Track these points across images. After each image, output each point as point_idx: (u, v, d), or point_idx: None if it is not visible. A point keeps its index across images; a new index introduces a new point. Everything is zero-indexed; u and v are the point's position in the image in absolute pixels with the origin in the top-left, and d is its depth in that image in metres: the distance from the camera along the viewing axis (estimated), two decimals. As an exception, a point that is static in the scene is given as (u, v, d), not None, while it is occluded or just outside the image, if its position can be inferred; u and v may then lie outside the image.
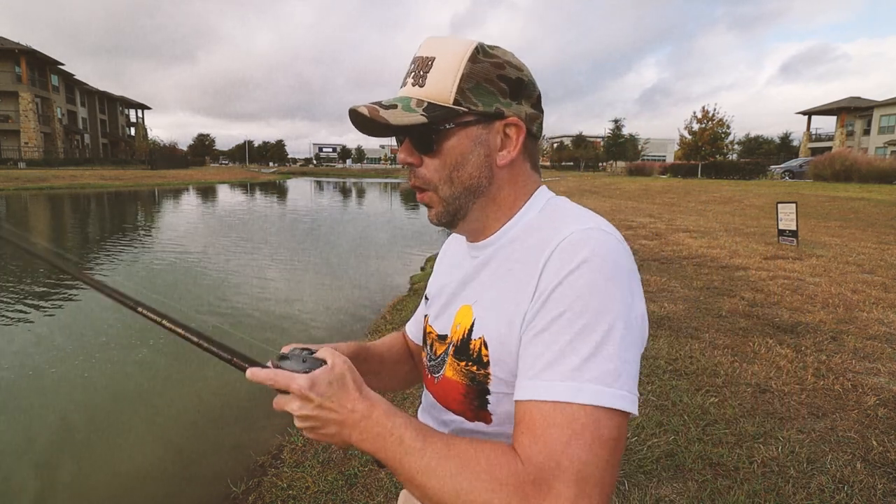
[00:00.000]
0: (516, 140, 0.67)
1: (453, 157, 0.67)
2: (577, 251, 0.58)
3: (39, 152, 40.06)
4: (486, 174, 0.68)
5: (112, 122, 59.61)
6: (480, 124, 0.66)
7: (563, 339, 0.55)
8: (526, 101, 0.68)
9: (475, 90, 0.65)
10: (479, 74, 0.65)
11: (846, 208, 13.48)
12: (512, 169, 0.69)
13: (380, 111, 0.65)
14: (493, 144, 0.67)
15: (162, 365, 4.18)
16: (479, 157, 0.67)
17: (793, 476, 2.03)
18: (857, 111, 43.29)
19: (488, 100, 0.65)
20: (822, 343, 3.48)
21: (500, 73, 0.66)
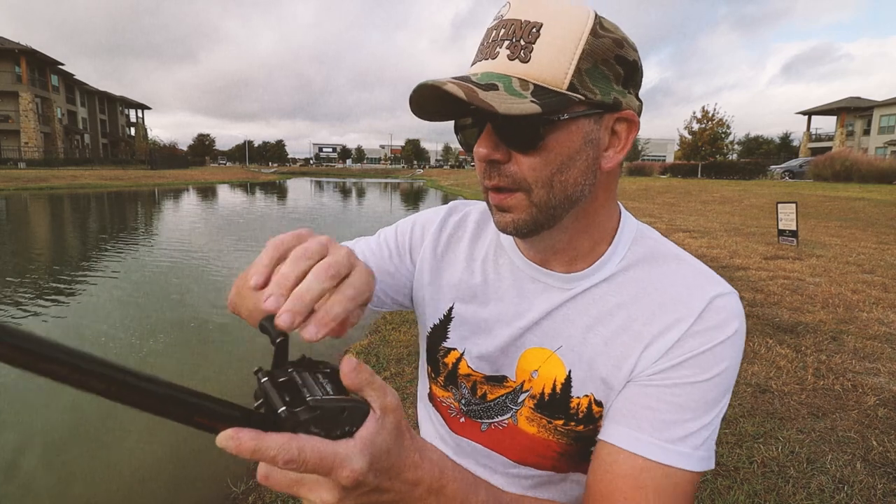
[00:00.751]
0: (626, 138, 0.55)
1: (560, 156, 0.52)
2: (730, 322, 0.56)
3: (39, 152, 40.08)
4: (590, 180, 0.55)
5: (112, 122, 59.63)
6: (593, 117, 0.52)
7: (689, 404, 0.53)
8: (635, 91, 0.55)
9: (592, 73, 0.50)
10: (599, 53, 0.50)
11: (846, 208, 13.48)
12: (610, 175, 0.58)
13: (478, 93, 0.48)
14: (602, 143, 0.54)
15: (162, 364, 4.18)
16: (587, 158, 0.53)
17: (793, 476, 2.03)
18: (857, 111, 43.30)
19: (605, 87, 0.51)
20: (822, 343, 3.48)
21: (619, 54, 0.51)
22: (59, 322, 5.27)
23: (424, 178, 59.79)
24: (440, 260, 0.70)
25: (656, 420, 0.53)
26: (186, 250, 9.79)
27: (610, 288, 0.59)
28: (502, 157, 0.53)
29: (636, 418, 0.53)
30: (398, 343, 3.77)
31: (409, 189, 40.77)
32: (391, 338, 3.94)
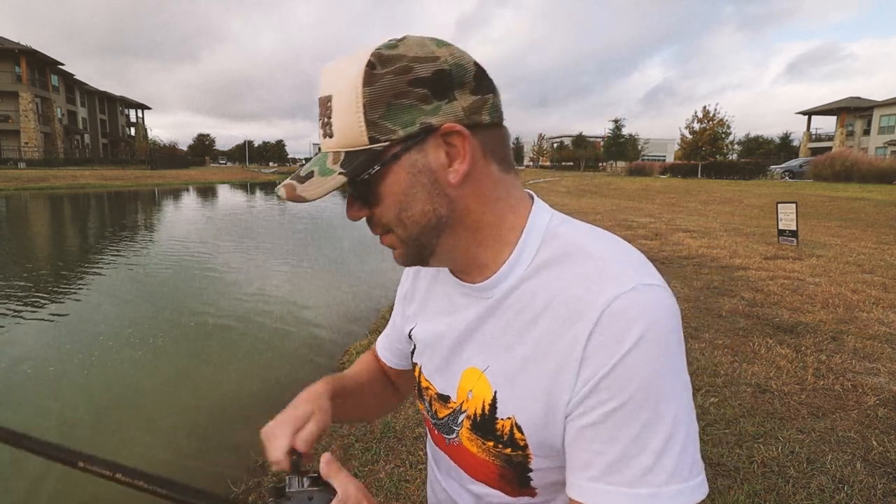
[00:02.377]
0: (462, 147, 0.53)
1: (396, 198, 0.54)
2: (630, 327, 0.48)
3: (39, 152, 40.08)
4: (442, 202, 0.54)
5: (112, 122, 59.64)
6: (412, 149, 0.53)
7: (626, 435, 0.47)
8: (461, 91, 0.53)
9: (389, 114, 0.51)
10: (384, 94, 0.51)
11: (846, 208, 13.49)
12: (473, 182, 0.55)
13: (296, 188, 0.54)
14: (438, 163, 0.53)
15: (161, 364, 4.18)
16: (425, 186, 0.53)
17: (793, 476, 2.03)
18: (857, 111, 43.31)
19: (409, 117, 0.52)
20: (822, 343, 3.48)
21: (411, 78, 0.51)
22: (56, 321, 5.27)
23: (424, 178, 59.64)
24: (413, 279, 0.76)
25: (604, 463, 0.48)
26: (184, 252, 9.79)
27: (522, 297, 0.56)
28: (365, 212, 0.57)
29: (591, 467, 0.49)
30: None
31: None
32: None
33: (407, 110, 0.51)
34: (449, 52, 0.53)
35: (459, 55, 0.54)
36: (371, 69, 0.51)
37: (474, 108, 0.54)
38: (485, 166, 0.55)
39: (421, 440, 2.43)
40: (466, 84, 0.53)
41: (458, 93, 0.53)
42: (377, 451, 2.36)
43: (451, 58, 0.53)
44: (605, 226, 8.90)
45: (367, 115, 0.51)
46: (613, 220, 11.13)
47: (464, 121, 0.53)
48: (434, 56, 0.52)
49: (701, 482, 0.47)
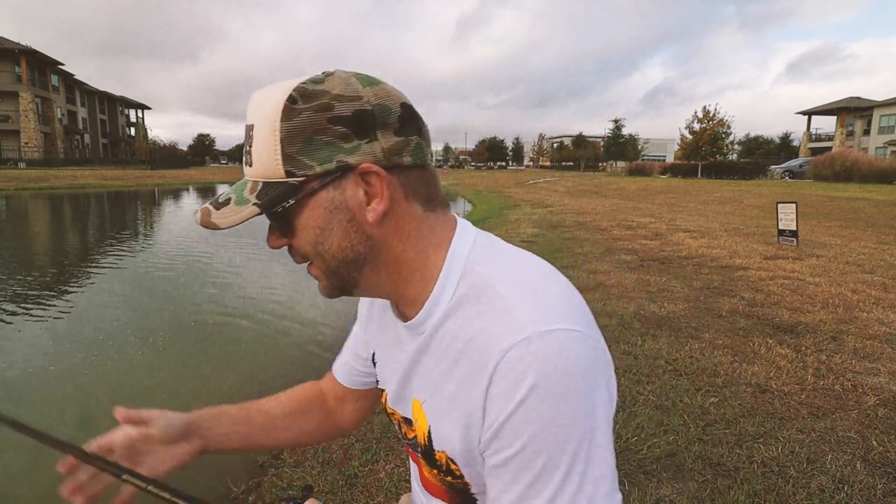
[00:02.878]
0: (380, 187, 0.53)
1: (312, 231, 0.55)
2: (522, 377, 0.48)
3: (39, 152, 40.08)
4: (360, 238, 0.55)
5: (112, 122, 59.64)
6: (329, 186, 0.53)
7: (523, 480, 0.48)
8: (383, 132, 0.53)
9: (306, 149, 0.52)
10: (302, 129, 0.52)
11: (846, 208, 13.49)
12: (393, 221, 0.55)
13: (211, 215, 0.56)
14: (356, 201, 0.54)
15: (160, 363, 4.18)
16: (340, 223, 0.54)
17: (793, 476, 2.03)
18: (857, 111, 43.31)
19: (327, 154, 0.52)
20: (822, 343, 3.48)
21: (331, 116, 0.52)
22: (55, 320, 5.27)
23: (424, 178, 59.65)
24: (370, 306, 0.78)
25: (507, 502, 0.50)
26: (184, 253, 9.79)
27: (446, 336, 0.57)
28: (284, 242, 0.58)
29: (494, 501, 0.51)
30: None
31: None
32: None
33: (325, 147, 0.52)
34: (373, 93, 0.54)
35: (385, 95, 0.54)
36: (291, 104, 0.52)
37: (395, 149, 0.54)
38: (406, 206, 0.56)
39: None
40: (389, 125, 0.54)
41: (379, 133, 0.53)
42: (377, 451, 2.36)
43: (374, 98, 0.53)
44: (605, 226, 8.85)
45: (284, 149, 0.52)
46: (613, 220, 11.13)
47: (382, 161, 0.53)
48: (357, 95, 0.53)
49: None
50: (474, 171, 72.08)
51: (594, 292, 4.84)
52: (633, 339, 3.54)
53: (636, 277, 5.41)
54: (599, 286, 5.08)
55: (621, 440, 2.27)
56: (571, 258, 6.63)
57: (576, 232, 9.32)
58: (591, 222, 10.80)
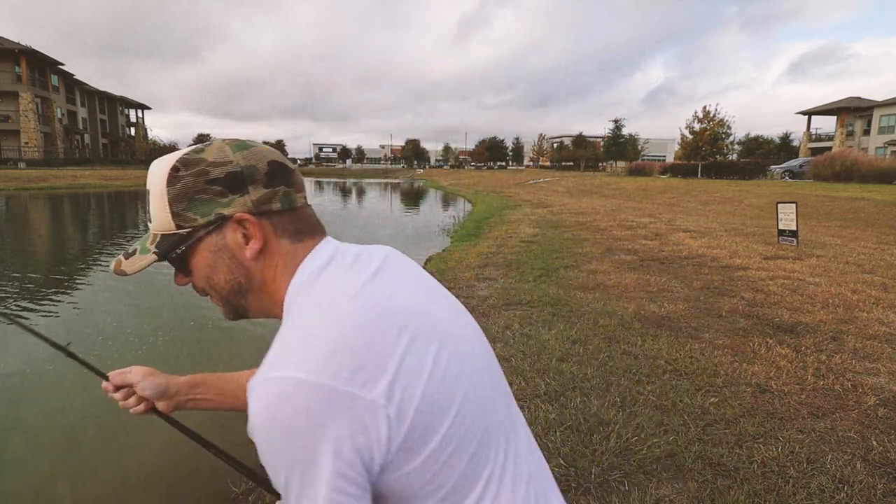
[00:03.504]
0: (254, 230, 0.67)
1: (202, 271, 0.70)
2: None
3: (39, 152, 40.07)
4: (241, 272, 0.69)
5: (112, 122, 59.61)
6: (212, 233, 0.67)
7: None
8: (254, 186, 0.67)
9: (191, 206, 0.66)
10: (185, 191, 0.66)
11: (846, 208, 13.49)
12: (267, 257, 0.69)
13: (122, 263, 0.72)
14: (236, 243, 0.68)
15: (161, 363, 4.18)
16: (224, 261, 0.69)
17: (793, 476, 2.03)
18: (857, 111, 43.30)
19: (207, 208, 0.66)
20: (822, 343, 3.48)
21: (208, 178, 0.66)
22: (54, 318, 5.27)
23: (424, 178, 59.76)
24: None
25: None
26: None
27: None
28: (186, 280, 0.73)
29: None
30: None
31: (409, 189, 40.75)
32: (391, 338, 3.94)
33: (205, 203, 0.66)
34: (243, 156, 0.68)
35: (254, 157, 0.68)
36: (175, 172, 0.67)
37: (264, 199, 0.68)
38: (276, 242, 0.69)
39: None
40: (258, 180, 0.68)
41: (251, 188, 0.67)
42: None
43: (244, 160, 0.68)
44: (605, 226, 8.85)
45: (172, 208, 0.67)
46: (613, 220, 11.13)
47: (253, 210, 0.67)
48: (228, 160, 0.67)
49: None
50: (474, 171, 72.04)
51: (594, 292, 4.84)
52: (633, 339, 3.54)
53: (636, 277, 5.41)
54: (599, 286, 5.08)
55: (621, 440, 2.27)
56: (571, 258, 6.63)
57: (576, 232, 9.32)
58: (591, 222, 10.79)
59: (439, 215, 18.33)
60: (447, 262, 7.19)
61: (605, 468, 2.07)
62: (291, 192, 0.71)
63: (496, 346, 3.50)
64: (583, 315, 4.11)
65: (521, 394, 2.75)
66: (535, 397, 2.71)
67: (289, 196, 0.70)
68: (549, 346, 3.42)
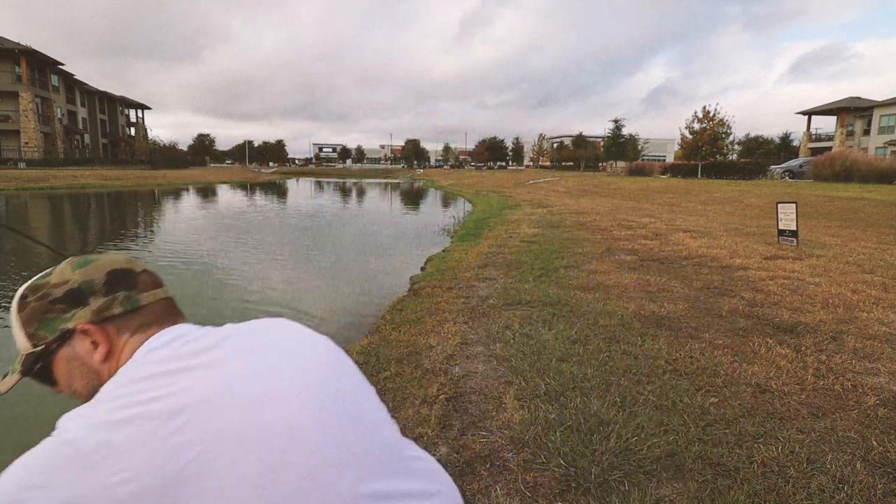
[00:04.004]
0: (98, 337, 0.75)
1: (63, 379, 0.78)
2: None
3: (39, 152, 40.05)
4: (93, 376, 0.76)
5: (112, 122, 59.58)
6: (63, 346, 0.76)
7: None
8: (94, 298, 0.76)
9: (42, 326, 0.75)
10: (34, 315, 0.76)
11: (846, 208, 13.49)
12: (113, 356, 0.76)
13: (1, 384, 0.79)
14: (85, 350, 0.76)
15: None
16: (78, 368, 0.77)
17: (793, 476, 2.03)
18: (857, 111, 43.28)
19: (53, 326, 0.75)
20: (822, 343, 3.48)
21: (50, 299, 0.75)
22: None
23: (424, 178, 59.75)
24: None
25: None
26: (187, 250, 9.78)
27: None
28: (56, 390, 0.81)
29: None
30: (398, 343, 3.77)
31: (408, 189, 40.75)
32: (391, 338, 3.94)
33: (52, 321, 0.75)
34: (81, 273, 0.77)
35: (91, 272, 0.77)
36: (23, 300, 0.77)
37: (104, 307, 0.76)
38: (120, 340, 0.76)
39: (419, 442, 2.43)
40: (97, 291, 0.76)
41: (91, 299, 0.76)
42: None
43: (81, 277, 0.76)
44: (605, 226, 8.84)
45: (26, 330, 0.76)
46: (613, 220, 11.13)
47: (94, 319, 0.75)
48: (66, 280, 0.76)
49: None
50: (474, 171, 72.04)
51: (594, 292, 4.84)
52: (632, 339, 3.54)
53: (636, 277, 5.41)
54: (599, 286, 5.08)
55: (621, 440, 2.27)
56: (571, 258, 6.63)
57: (576, 232, 9.32)
58: (591, 222, 10.79)
59: (439, 215, 18.33)
60: (447, 262, 7.19)
61: (605, 468, 2.07)
62: (132, 294, 0.78)
63: (496, 345, 3.50)
64: (583, 315, 4.11)
65: (520, 394, 2.76)
66: (535, 397, 2.70)
67: (129, 298, 0.78)
68: (549, 346, 3.42)
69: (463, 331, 3.88)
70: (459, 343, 3.60)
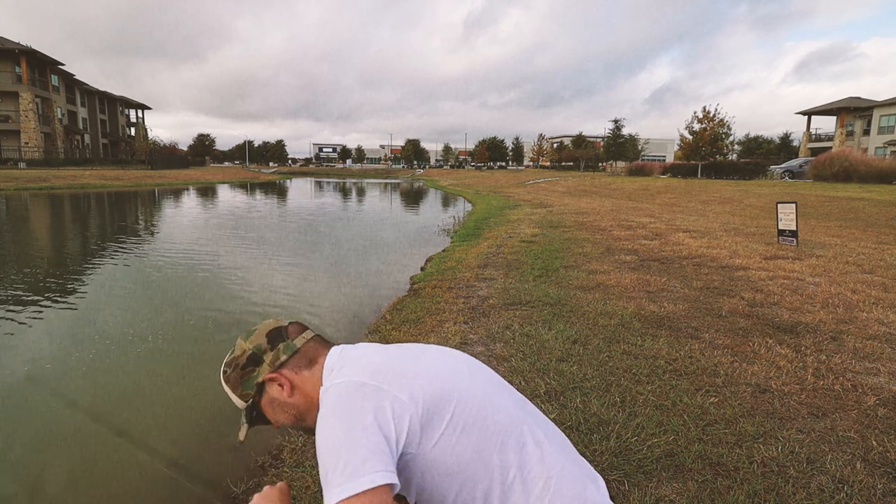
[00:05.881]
0: (281, 380, 1.01)
1: (273, 417, 1.05)
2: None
3: (39, 152, 40.03)
4: (290, 408, 1.03)
5: (112, 122, 59.57)
6: (263, 394, 1.04)
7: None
8: (265, 354, 1.04)
9: (244, 387, 1.04)
10: (236, 381, 1.05)
11: (846, 208, 13.48)
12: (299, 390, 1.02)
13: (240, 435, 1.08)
14: (277, 392, 1.02)
15: (162, 363, 4.18)
16: (279, 406, 1.03)
17: (793, 476, 2.03)
18: (856, 111, 43.27)
19: (251, 382, 1.03)
20: (822, 343, 3.48)
21: (242, 367, 1.04)
22: (54, 320, 5.27)
23: (424, 178, 59.75)
24: None
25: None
26: (188, 249, 9.78)
27: None
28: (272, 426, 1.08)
29: None
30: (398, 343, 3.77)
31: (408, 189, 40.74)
32: (391, 337, 3.94)
33: (248, 380, 1.04)
34: (250, 341, 1.06)
35: (256, 338, 1.06)
36: (225, 374, 1.06)
37: (274, 357, 1.04)
38: (299, 377, 1.03)
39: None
40: (266, 350, 1.04)
41: (264, 357, 1.04)
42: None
43: (251, 345, 1.05)
44: (605, 226, 8.83)
45: (237, 393, 1.05)
46: (613, 220, 11.12)
47: (273, 369, 1.03)
48: (244, 350, 1.05)
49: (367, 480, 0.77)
50: (474, 171, 72.03)
51: (594, 292, 4.84)
52: (632, 339, 3.54)
53: (636, 277, 5.41)
54: (599, 286, 5.08)
55: (621, 440, 2.28)
56: (571, 258, 6.63)
57: (576, 232, 9.32)
58: (591, 222, 10.79)
59: (439, 215, 18.33)
60: (447, 262, 7.19)
61: (605, 468, 2.07)
62: (289, 342, 1.05)
63: (496, 345, 3.50)
64: (583, 315, 4.11)
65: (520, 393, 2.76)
66: (535, 397, 2.70)
67: (288, 346, 1.05)
68: (549, 346, 3.42)
69: (463, 331, 3.89)
70: (460, 343, 3.60)
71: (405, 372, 0.94)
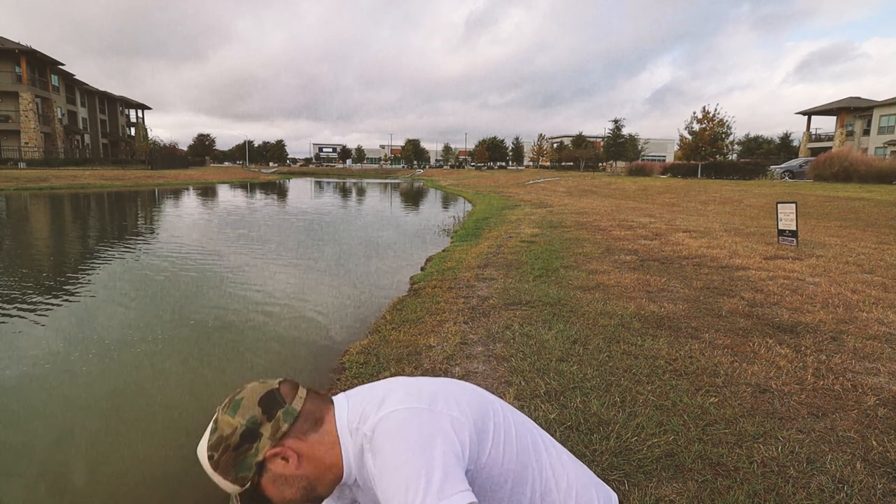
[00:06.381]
0: (286, 453, 0.90)
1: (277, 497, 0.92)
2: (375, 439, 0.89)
3: (39, 152, 40.04)
4: (299, 481, 0.92)
5: (112, 122, 59.59)
6: (264, 474, 0.91)
7: None
8: (262, 427, 0.90)
9: (240, 469, 0.89)
10: (228, 465, 0.89)
11: (846, 208, 13.48)
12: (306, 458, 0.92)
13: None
14: (282, 467, 0.91)
15: (162, 363, 4.18)
16: (285, 482, 0.91)
17: (793, 476, 2.03)
18: (856, 111, 43.28)
19: (248, 463, 0.89)
20: (822, 343, 3.48)
21: (236, 448, 0.89)
22: (54, 319, 5.27)
23: (424, 178, 59.75)
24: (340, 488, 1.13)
25: None
26: (188, 249, 9.78)
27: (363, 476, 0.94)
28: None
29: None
30: (398, 343, 3.77)
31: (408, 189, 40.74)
32: (391, 337, 3.94)
33: (244, 461, 0.89)
34: (240, 414, 0.90)
35: (246, 409, 0.90)
36: (211, 459, 0.90)
37: (274, 428, 0.90)
38: (305, 443, 0.92)
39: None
40: (261, 423, 0.90)
41: (261, 430, 0.89)
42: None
43: (242, 419, 0.89)
44: (605, 226, 8.82)
45: (229, 478, 0.90)
46: (613, 220, 11.12)
47: (274, 442, 0.89)
48: (233, 427, 0.89)
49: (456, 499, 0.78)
50: (474, 171, 72.03)
51: (594, 292, 4.84)
52: (632, 339, 3.54)
53: (636, 277, 5.41)
54: (599, 286, 5.08)
55: (621, 440, 2.27)
56: (571, 258, 6.63)
57: (576, 232, 9.32)
58: (591, 222, 10.79)
59: (439, 215, 18.33)
60: (447, 262, 7.19)
61: (605, 468, 2.07)
62: (288, 406, 0.93)
63: (496, 345, 3.51)
64: (583, 315, 4.11)
65: (521, 393, 2.76)
66: (535, 397, 2.70)
67: (288, 412, 0.92)
68: (549, 346, 3.42)
69: (463, 331, 3.88)
70: (459, 343, 3.60)
71: (446, 393, 0.94)
